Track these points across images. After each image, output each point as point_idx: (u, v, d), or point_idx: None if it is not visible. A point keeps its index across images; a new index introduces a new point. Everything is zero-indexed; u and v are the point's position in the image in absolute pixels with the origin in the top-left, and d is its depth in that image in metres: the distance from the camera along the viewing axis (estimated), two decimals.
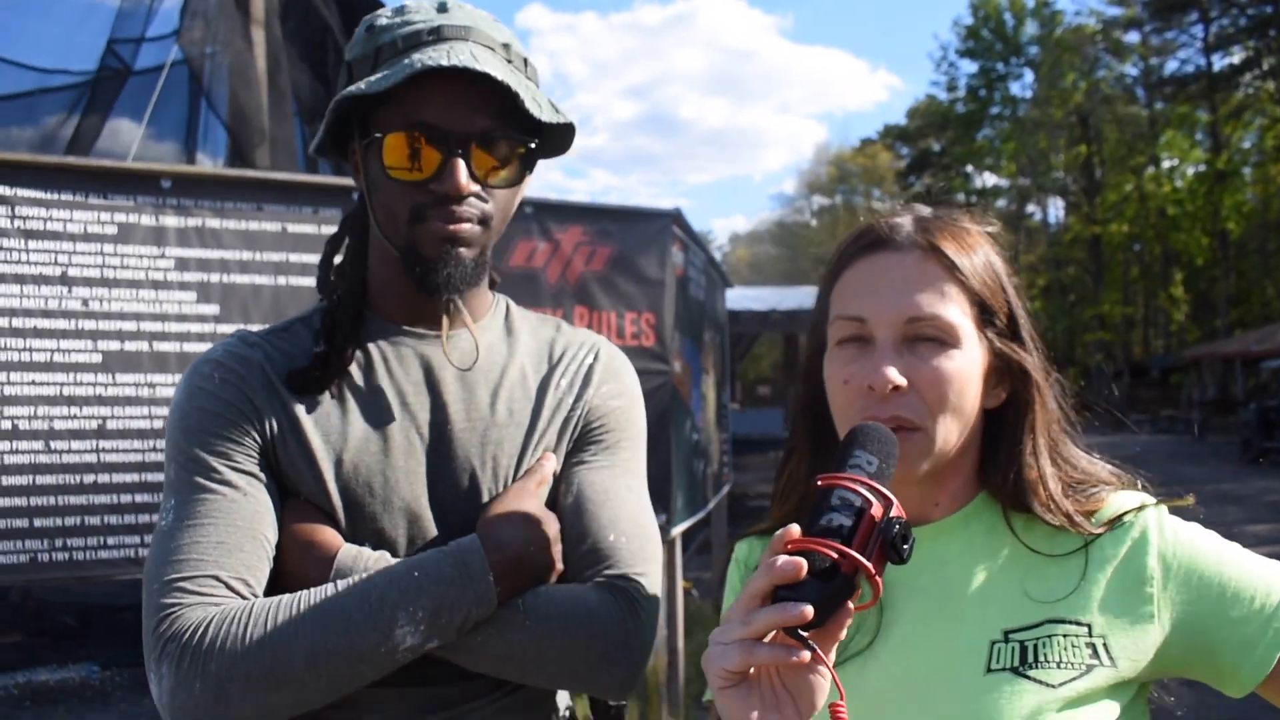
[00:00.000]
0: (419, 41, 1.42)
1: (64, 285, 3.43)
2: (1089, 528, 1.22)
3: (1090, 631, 1.17)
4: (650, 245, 4.75)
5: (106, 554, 3.43)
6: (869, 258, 1.27)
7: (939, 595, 1.24)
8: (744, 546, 1.48)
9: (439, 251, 1.44)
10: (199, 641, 1.27)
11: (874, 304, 1.23)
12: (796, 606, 0.95)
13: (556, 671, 1.42)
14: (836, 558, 0.97)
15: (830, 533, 0.99)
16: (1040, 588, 1.21)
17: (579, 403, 1.59)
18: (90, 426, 3.43)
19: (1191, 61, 48.23)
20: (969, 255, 1.26)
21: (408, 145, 1.41)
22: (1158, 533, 1.22)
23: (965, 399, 1.22)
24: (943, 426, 1.20)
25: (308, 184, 3.81)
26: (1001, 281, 1.28)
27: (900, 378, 1.18)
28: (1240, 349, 31.57)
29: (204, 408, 1.43)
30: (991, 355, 1.25)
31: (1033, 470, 1.24)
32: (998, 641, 1.17)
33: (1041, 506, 1.23)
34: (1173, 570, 1.20)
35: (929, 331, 1.21)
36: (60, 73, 5.77)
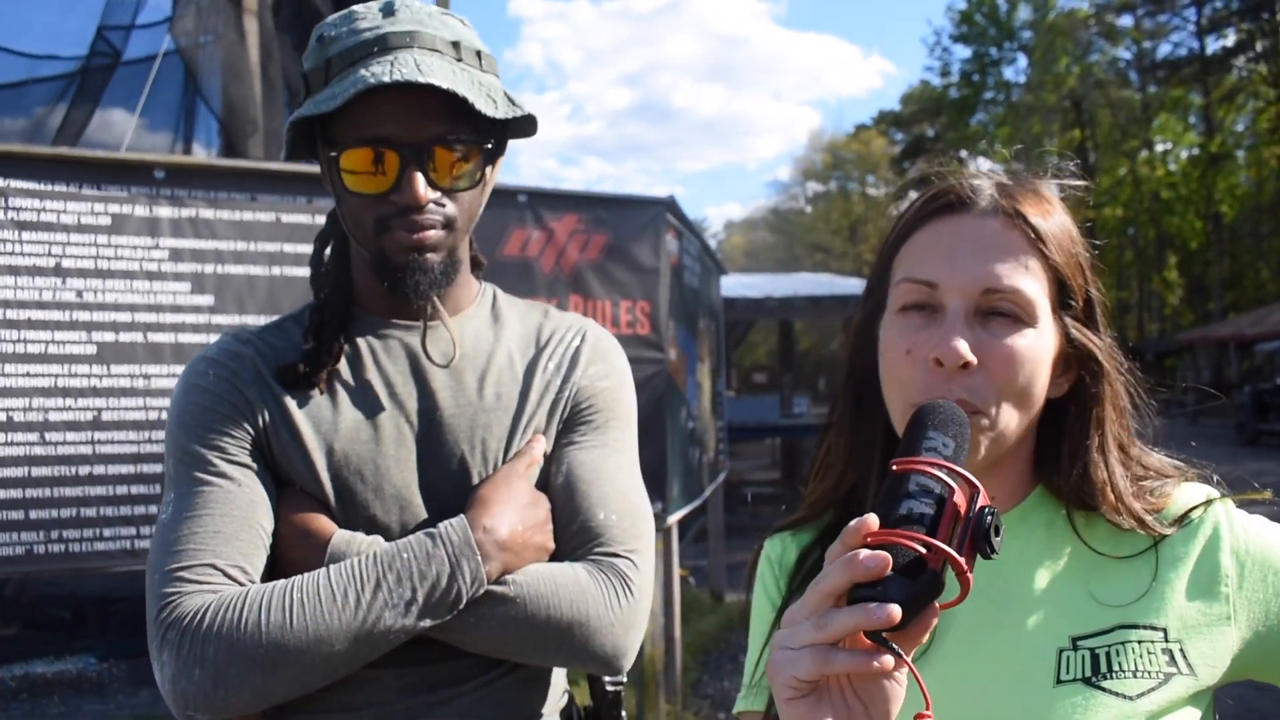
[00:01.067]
0: (366, 54, 1.42)
1: (58, 276, 3.42)
2: (1159, 528, 1.13)
3: (1166, 636, 1.08)
4: (644, 233, 4.74)
5: (102, 546, 3.43)
6: (945, 219, 1.15)
7: (999, 598, 1.14)
8: (776, 543, 1.35)
9: (406, 260, 1.46)
10: (197, 628, 1.31)
11: (948, 269, 1.11)
12: (884, 608, 0.83)
13: (550, 649, 1.44)
14: (924, 551, 0.86)
15: (911, 523, 0.88)
16: (1108, 590, 1.12)
17: (567, 384, 1.61)
18: (85, 418, 3.43)
19: (1184, 45, 48.24)
20: (1052, 227, 1.15)
21: (364, 160, 1.44)
22: (1229, 528, 1.14)
23: (1035, 385, 1.11)
24: (1007, 412, 1.10)
25: (302, 174, 3.80)
26: (1080, 259, 1.17)
27: (970, 354, 1.07)
28: (1234, 332, 31.68)
29: (199, 403, 1.48)
30: (1064, 339, 1.15)
31: (1100, 470, 1.14)
32: (1066, 650, 1.09)
33: (1110, 509, 1.13)
34: (1248, 567, 1.11)
35: (1005, 306, 1.10)
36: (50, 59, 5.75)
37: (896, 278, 1.17)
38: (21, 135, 5.62)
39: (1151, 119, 48.03)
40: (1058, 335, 1.14)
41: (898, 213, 1.24)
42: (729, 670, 7.57)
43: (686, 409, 5.83)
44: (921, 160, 60.47)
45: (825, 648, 0.86)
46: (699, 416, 6.41)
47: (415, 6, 1.50)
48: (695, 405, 6.26)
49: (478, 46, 1.52)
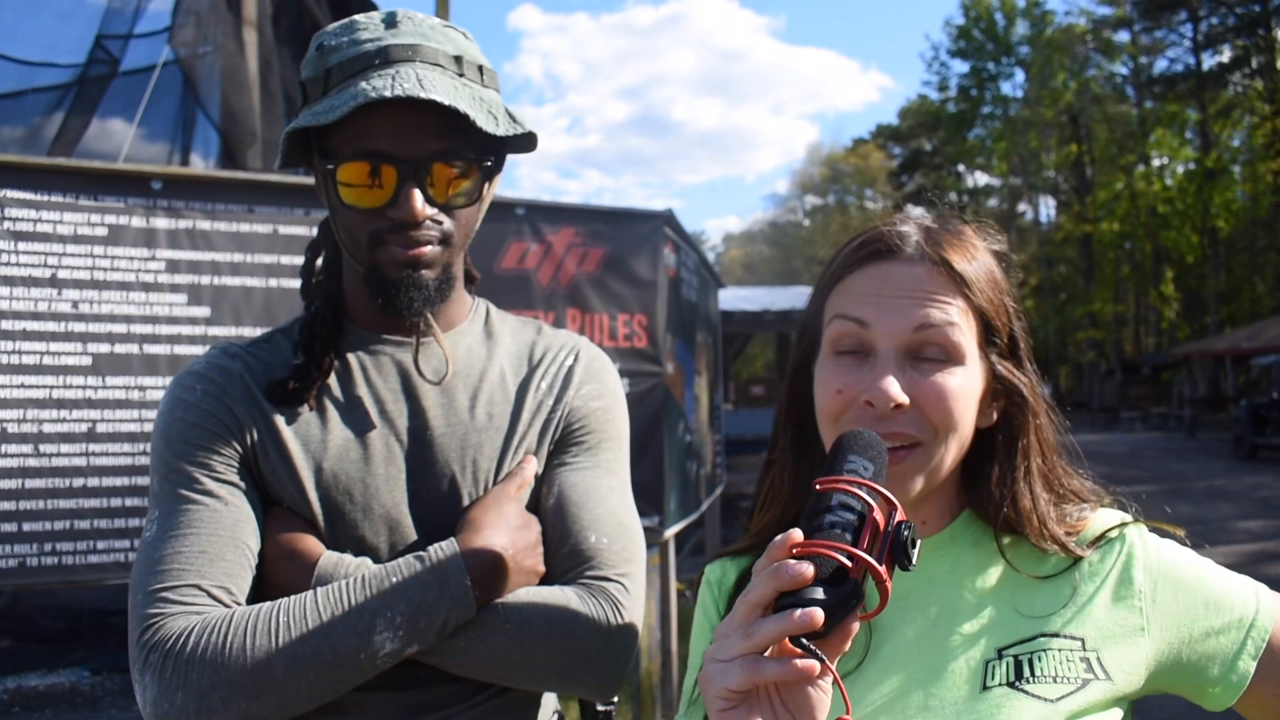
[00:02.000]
0: (366, 66, 1.39)
1: (54, 287, 3.41)
2: (1078, 550, 1.20)
3: (1084, 645, 1.15)
4: (643, 246, 4.74)
5: (96, 558, 3.41)
6: (874, 266, 1.21)
7: (930, 614, 1.20)
8: (716, 568, 1.41)
9: (400, 275, 1.43)
10: (181, 650, 1.28)
11: (878, 313, 1.17)
12: (807, 612, 0.88)
13: (539, 674, 1.42)
14: (846, 562, 0.91)
15: (833, 536, 0.93)
16: (1031, 603, 1.18)
17: (559, 404, 1.59)
18: (80, 430, 3.41)
19: (1181, 60, 48.46)
20: (976, 270, 1.21)
21: (361, 174, 1.40)
22: (1143, 548, 1.21)
23: (966, 419, 1.18)
24: (941, 446, 1.16)
25: (299, 186, 3.79)
26: (1005, 299, 1.24)
27: (903, 395, 1.13)
28: (1230, 346, 31.72)
29: (185, 419, 1.44)
30: (990, 375, 1.21)
31: (1025, 497, 1.21)
32: (992, 660, 1.15)
33: (1035, 534, 1.20)
34: (1160, 584, 1.19)
35: (932, 348, 1.16)
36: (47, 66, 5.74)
37: (829, 316, 1.23)
38: (17, 144, 5.61)
39: (1148, 134, 48.16)
40: (984, 371, 1.21)
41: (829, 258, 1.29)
42: None
43: (684, 422, 5.82)
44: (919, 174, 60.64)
45: (754, 657, 0.90)
46: (696, 430, 6.39)
47: (418, 19, 1.47)
48: (693, 418, 6.24)
49: (480, 61, 1.49)
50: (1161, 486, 17.29)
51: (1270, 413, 23.35)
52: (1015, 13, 53.83)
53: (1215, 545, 11.20)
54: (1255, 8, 43.75)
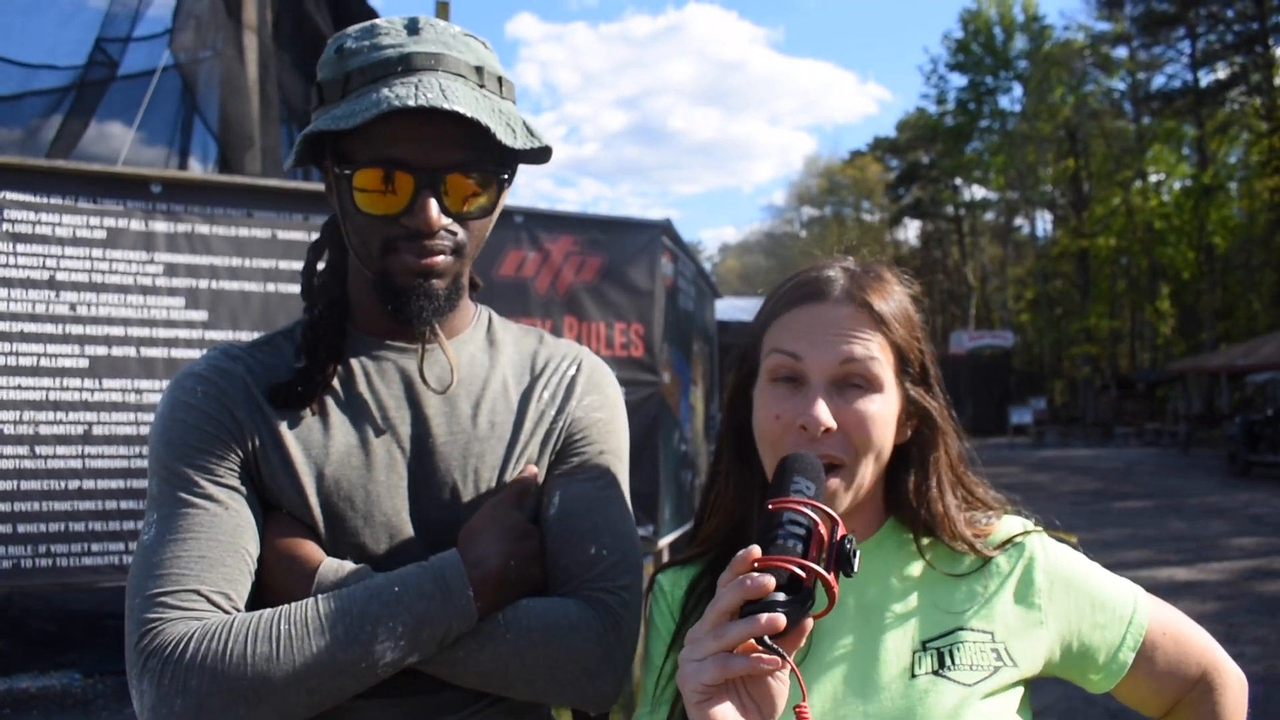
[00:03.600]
0: (388, 72, 1.38)
1: (51, 289, 3.42)
2: (986, 551, 1.39)
3: (993, 638, 1.34)
4: (640, 256, 4.75)
5: (90, 561, 3.41)
6: (805, 307, 1.39)
7: (863, 614, 1.37)
8: (668, 577, 1.54)
9: (411, 283, 1.43)
10: (180, 657, 1.27)
11: (810, 348, 1.35)
12: (771, 616, 1.05)
13: (537, 685, 1.41)
14: (800, 572, 1.07)
15: (787, 551, 1.09)
16: (948, 601, 1.37)
17: (561, 415, 1.58)
18: (76, 432, 3.41)
19: (1178, 77, 48.58)
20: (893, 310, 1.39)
21: (377, 181, 1.39)
22: (1043, 553, 1.41)
23: (885, 440, 1.36)
24: (864, 465, 1.34)
25: (298, 190, 3.80)
26: (917, 333, 1.42)
27: (831, 420, 1.31)
28: (1225, 363, 31.73)
29: (185, 421, 1.43)
30: (905, 399, 1.39)
31: (938, 504, 1.40)
32: (918, 651, 1.33)
33: (948, 536, 1.39)
34: (1056, 583, 1.39)
35: (856, 379, 1.34)
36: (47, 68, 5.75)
37: (767, 349, 1.41)
38: (15, 147, 5.61)
39: (1145, 150, 48.26)
40: (899, 397, 1.39)
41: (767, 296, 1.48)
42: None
43: (679, 432, 5.82)
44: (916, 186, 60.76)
45: (725, 655, 1.07)
46: (692, 439, 6.40)
47: (440, 26, 1.46)
48: (688, 428, 6.25)
49: (499, 72, 1.49)
50: (1155, 503, 17.30)
51: (1264, 430, 23.38)
52: (1014, 27, 53.97)
53: (1209, 562, 11.21)
54: (1253, 25, 43.94)
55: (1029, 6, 53.55)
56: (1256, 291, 45.01)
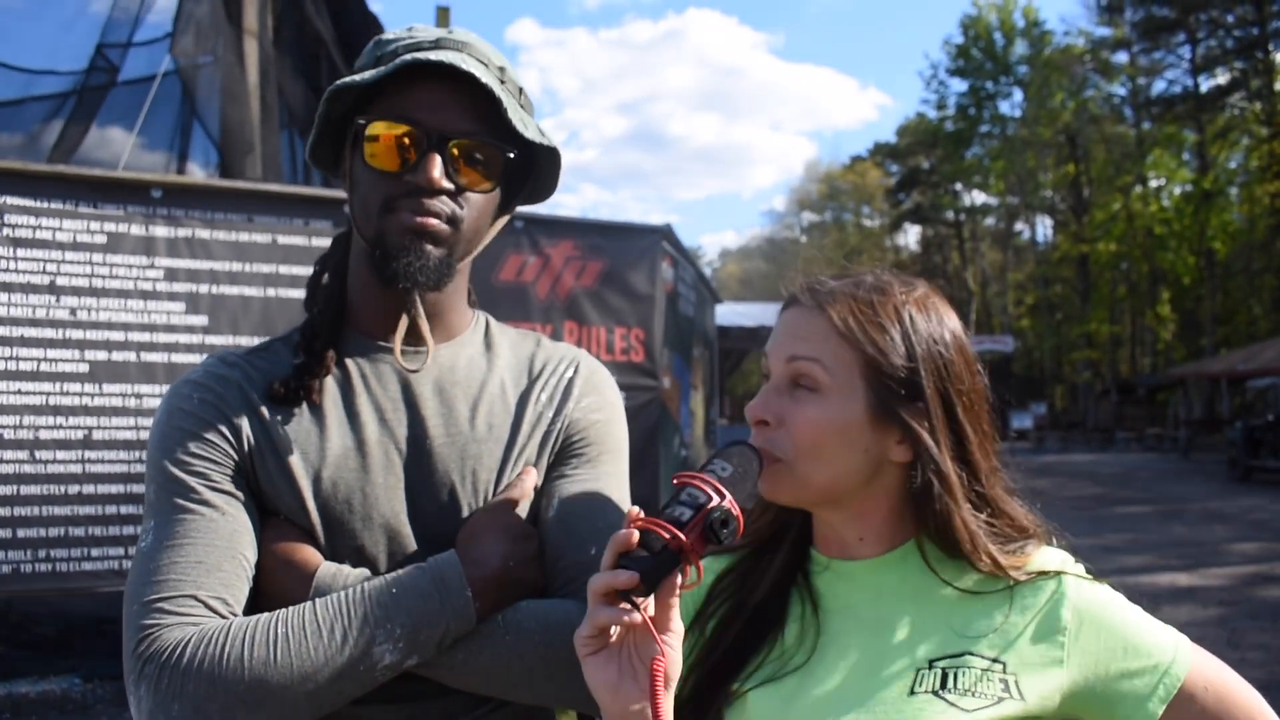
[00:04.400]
0: (419, 49, 1.46)
1: (52, 294, 3.42)
2: (1012, 574, 1.34)
3: (1004, 669, 1.29)
4: (640, 261, 4.75)
5: (90, 565, 3.41)
6: (786, 311, 1.44)
7: (873, 623, 1.36)
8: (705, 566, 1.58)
9: (404, 241, 1.44)
10: (177, 662, 1.27)
11: (772, 347, 1.41)
12: (624, 573, 1.12)
13: (539, 687, 1.41)
14: (666, 536, 1.13)
15: (671, 519, 1.15)
16: (965, 623, 1.33)
17: (559, 416, 1.59)
18: (76, 436, 3.41)
19: (1179, 82, 48.61)
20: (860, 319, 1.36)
21: (388, 135, 1.44)
22: (1074, 589, 1.35)
23: (839, 445, 1.34)
24: (808, 465, 1.33)
25: (299, 195, 3.81)
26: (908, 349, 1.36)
27: (764, 412, 1.35)
28: (1226, 368, 31.73)
29: (182, 428, 1.43)
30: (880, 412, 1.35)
31: (955, 521, 1.34)
32: (922, 668, 1.30)
33: (970, 554, 1.34)
34: (1085, 624, 1.33)
35: (802, 378, 1.35)
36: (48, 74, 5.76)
37: None
38: (16, 151, 5.61)
39: (1145, 155, 48.29)
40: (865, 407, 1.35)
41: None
42: None
43: (680, 437, 5.82)
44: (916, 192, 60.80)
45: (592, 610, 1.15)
46: (692, 444, 6.40)
47: (472, 35, 1.54)
48: (688, 433, 6.25)
49: (520, 83, 1.56)
50: (1156, 508, 17.28)
51: (1265, 435, 23.36)
52: (1014, 32, 54.05)
53: (1209, 567, 11.19)
54: (1253, 30, 44.01)
55: (1029, 12, 53.64)
56: (1257, 296, 45.01)
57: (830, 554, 1.41)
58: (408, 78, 1.42)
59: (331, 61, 6.22)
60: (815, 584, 1.41)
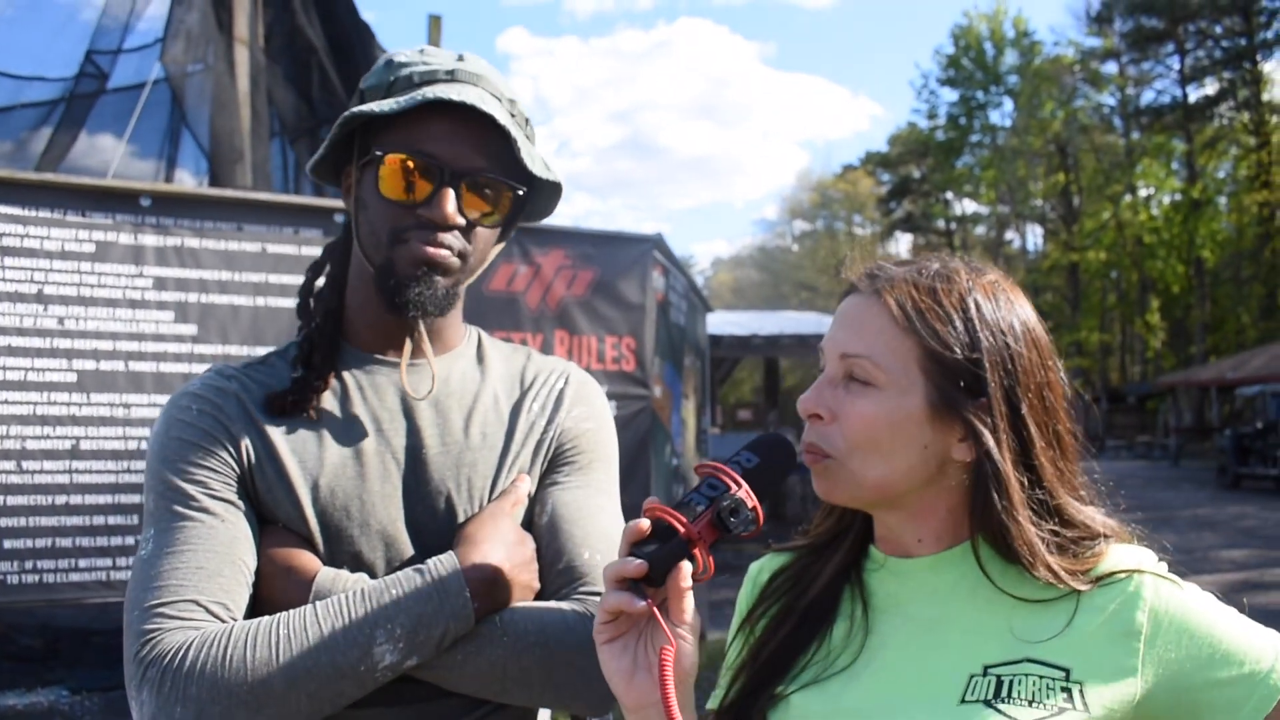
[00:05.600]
0: (434, 79, 1.49)
1: (39, 303, 3.40)
2: (1076, 585, 1.22)
3: (1068, 676, 1.17)
4: (632, 270, 4.75)
5: (78, 576, 3.39)
6: (843, 301, 1.36)
7: (926, 624, 1.27)
8: (759, 564, 1.52)
9: (415, 273, 1.48)
10: (179, 665, 1.28)
11: (827, 339, 1.33)
12: (633, 560, 1.11)
13: (535, 690, 1.43)
14: (676, 526, 1.12)
15: (684, 508, 1.14)
16: (1025, 627, 1.22)
17: (551, 425, 1.62)
18: (64, 447, 3.39)
19: (1168, 92, 48.94)
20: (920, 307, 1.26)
21: (404, 169, 1.46)
22: (1152, 590, 1.22)
23: (894, 441, 1.25)
24: (861, 462, 1.26)
25: (289, 204, 3.80)
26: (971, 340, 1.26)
27: (817, 406, 1.28)
28: (1215, 376, 31.86)
29: (182, 438, 1.46)
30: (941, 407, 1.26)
31: (1014, 527, 1.23)
32: (976, 675, 1.19)
33: (1027, 564, 1.23)
34: (1163, 628, 1.20)
35: (857, 371, 1.27)
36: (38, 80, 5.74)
37: None
38: (4, 159, 5.59)
39: (1135, 164, 48.57)
40: (924, 401, 1.25)
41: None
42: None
43: (671, 446, 5.82)
44: (908, 201, 61.01)
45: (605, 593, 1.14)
46: (683, 454, 6.39)
47: (484, 63, 1.57)
48: (680, 442, 6.24)
49: (527, 115, 1.59)
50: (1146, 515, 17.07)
51: (1254, 443, 23.49)
52: (1004, 43, 54.31)
53: (1199, 574, 11.18)
54: (1241, 41, 44.33)
55: (1019, 22, 53.93)
56: (1246, 305, 45.24)
57: (888, 553, 1.33)
58: (425, 110, 1.45)
59: (323, 70, 6.21)
60: (868, 581, 1.34)
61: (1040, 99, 50.29)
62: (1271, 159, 43.00)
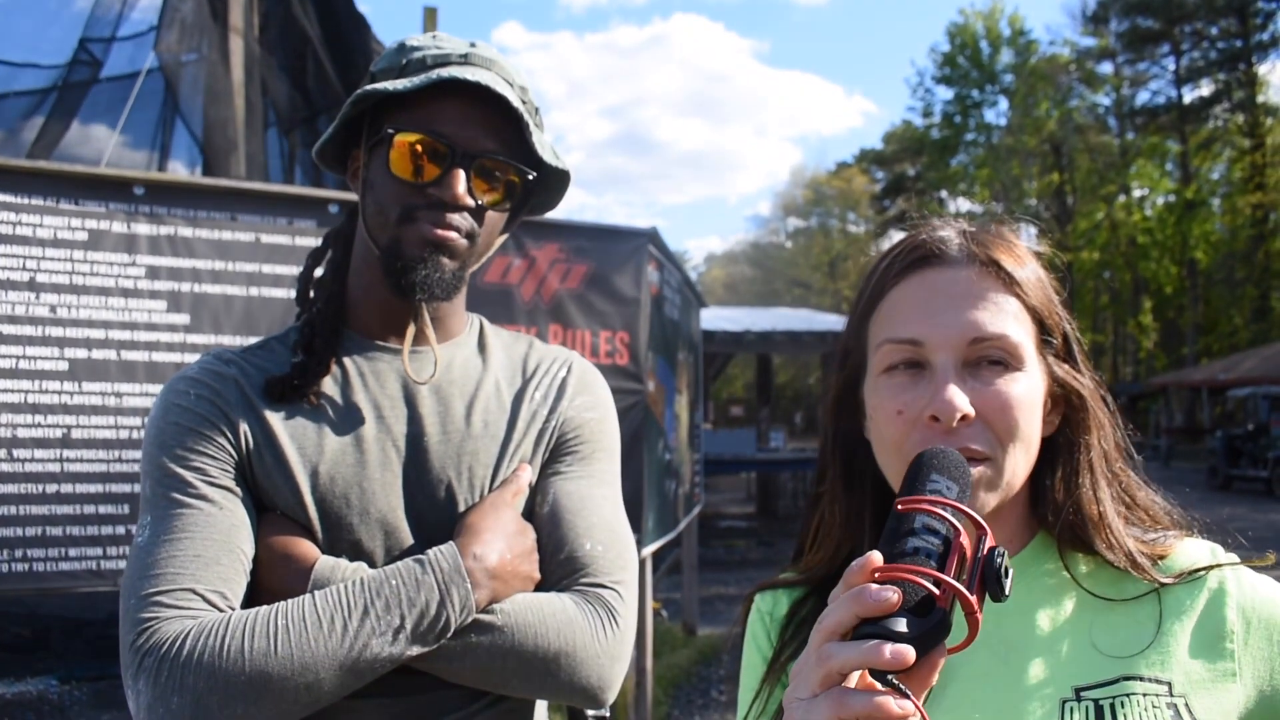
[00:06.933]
0: (447, 62, 1.50)
1: (31, 291, 3.38)
2: (1155, 574, 1.11)
3: (1171, 690, 1.06)
4: (626, 264, 4.74)
5: (68, 566, 3.37)
6: (917, 275, 1.14)
7: (1001, 648, 1.11)
8: (768, 598, 1.31)
9: (422, 253, 1.47)
10: (176, 655, 1.27)
11: (930, 325, 1.10)
12: (898, 647, 0.79)
13: (535, 680, 1.42)
14: (933, 589, 0.83)
15: (917, 561, 0.85)
16: (1111, 640, 1.10)
17: (553, 415, 1.61)
18: (54, 435, 3.38)
19: (1163, 93, 49.02)
20: (1024, 269, 1.15)
21: (416, 148, 1.46)
22: (1236, 584, 1.13)
23: (1032, 426, 1.10)
24: (1012, 458, 1.08)
25: (283, 194, 3.78)
26: (1054, 299, 1.17)
27: (968, 405, 1.06)
28: (1207, 377, 31.95)
29: (179, 423, 1.44)
30: (1050, 379, 1.14)
31: (1093, 504, 1.12)
32: (1069, 700, 1.06)
33: (1104, 545, 1.11)
34: (1254, 625, 1.10)
35: (993, 354, 1.09)
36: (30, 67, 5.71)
37: (876, 340, 1.15)
38: None
39: (1129, 165, 48.64)
40: (1044, 375, 1.13)
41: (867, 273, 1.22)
42: (700, 704, 7.51)
43: (664, 441, 5.81)
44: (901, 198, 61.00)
45: (840, 691, 0.81)
46: (676, 449, 6.39)
47: (495, 50, 1.57)
48: (672, 437, 6.24)
49: (536, 104, 1.59)
50: None
51: (1245, 444, 23.57)
52: (1000, 41, 54.31)
53: None
54: (1237, 43, 44.40)
55: (1015, 21, 53.93)
56: (1238, 306, 45.34)
57: None
58: (437, 91, 1.46)
59: (318, 61, 6.19)
60: None
61: (1035, 98, 50.32)
62: (1266, 161, 43.09)
